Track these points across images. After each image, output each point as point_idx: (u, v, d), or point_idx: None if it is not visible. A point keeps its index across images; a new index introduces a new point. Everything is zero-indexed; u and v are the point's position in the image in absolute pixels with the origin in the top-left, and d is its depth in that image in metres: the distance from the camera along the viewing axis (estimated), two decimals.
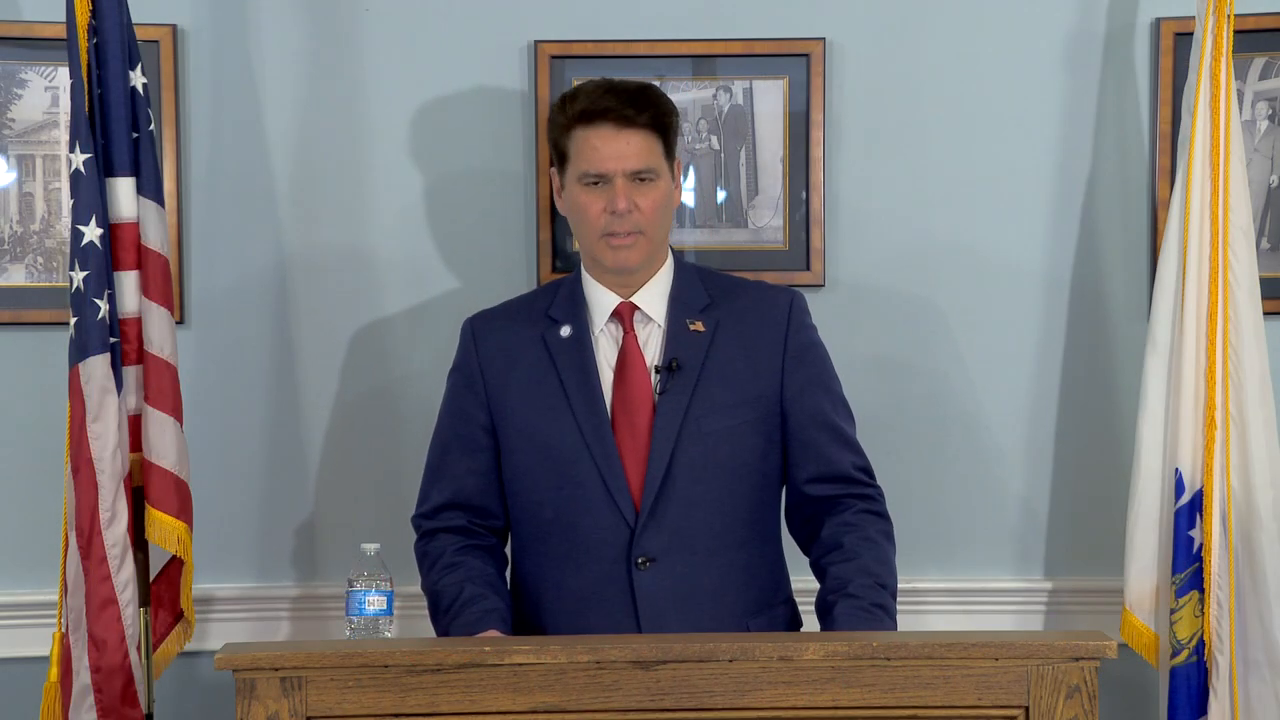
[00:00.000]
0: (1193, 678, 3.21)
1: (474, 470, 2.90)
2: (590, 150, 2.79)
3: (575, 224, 2.88)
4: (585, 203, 2.81)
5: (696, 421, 2.82)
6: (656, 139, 2.82)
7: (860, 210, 3.45)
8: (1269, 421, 3.22)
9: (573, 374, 2.84)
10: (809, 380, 2.89)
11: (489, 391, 2.89)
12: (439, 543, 2.91)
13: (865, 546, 2.81)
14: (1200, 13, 3.22)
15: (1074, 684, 2.35)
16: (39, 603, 3.33)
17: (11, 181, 3.41)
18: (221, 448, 3.43)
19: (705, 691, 2.35)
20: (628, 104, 2.79)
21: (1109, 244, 3.45)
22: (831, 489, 2.87)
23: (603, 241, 2.82)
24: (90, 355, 3.06)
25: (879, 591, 2.77)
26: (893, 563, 2.86)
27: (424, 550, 2.93)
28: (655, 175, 2.81)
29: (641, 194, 2.80)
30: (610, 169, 2.79)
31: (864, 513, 2.86)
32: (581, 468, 2.81)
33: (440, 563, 2.88)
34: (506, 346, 2.90)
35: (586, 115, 2.80)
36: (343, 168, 3.44)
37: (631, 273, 2.86)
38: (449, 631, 2.81)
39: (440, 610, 2.85)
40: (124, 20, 3.12)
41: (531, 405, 2.86)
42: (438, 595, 2.86)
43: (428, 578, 2.91)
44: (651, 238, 2.84)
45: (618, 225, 2.80)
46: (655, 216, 2.83)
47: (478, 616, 2.78)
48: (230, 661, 2.33)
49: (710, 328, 2.87)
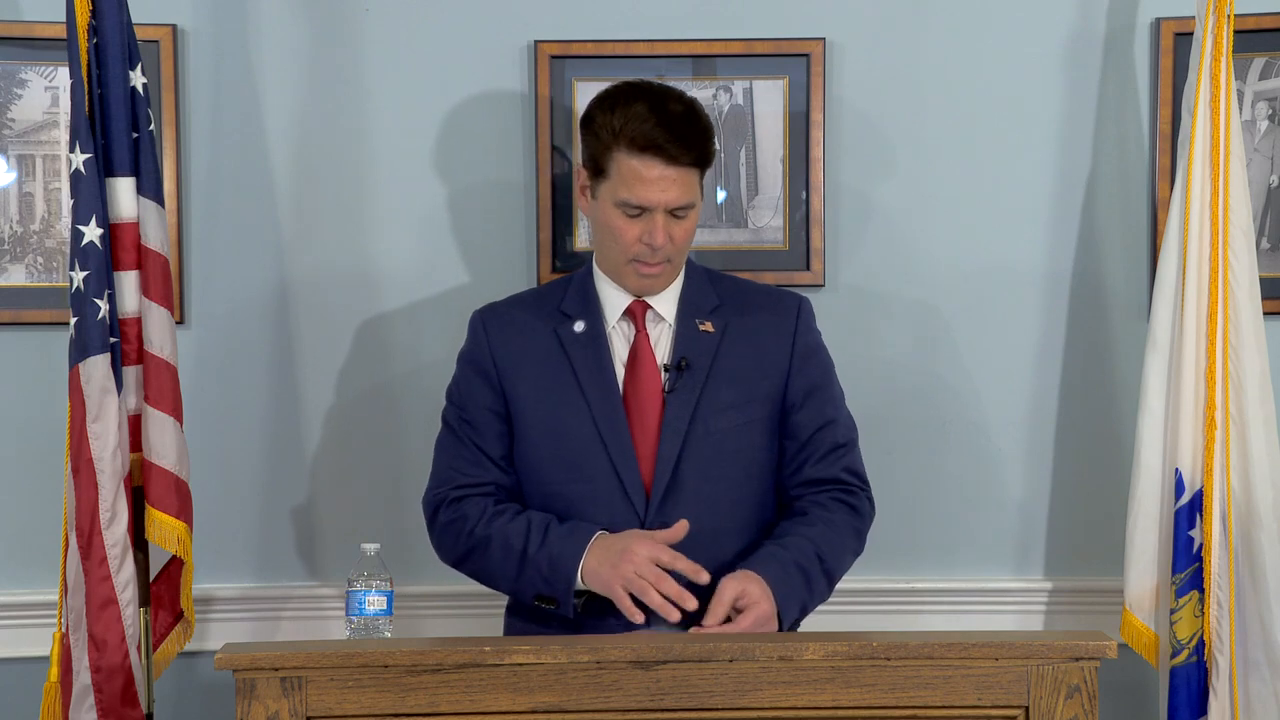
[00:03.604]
0: (1193, 678, 3.21)
1: (493, 455, 2.89)
2: (635, 181, 2.78)
3: (603, 239, 2.88)
4: (620, 227, 2.82)
5: (704, 420, 2.84)
6: (697, 172, 2.83)
7: (860, 210, 3.45)
8: (1269, 421, 3.22)
9: (587, 367, 2.86)
10: (813, 384, 2.91)
11: (502, 380, 2.89)
12: (474, 503, 2.86)
13: (825, 524, 2.83)
14: (1200, 13, 3.22)
15: (1074, 684, 2.35)
16: (39, 603, 3.33)
17: (11, 181, 3.41)
18: (221, 448, 3.43)
19: (705, 691, 2.35)
20: (678, 141, 2.78)
21: (1109, 244, 3.45)
22: (817, 487, 2.89)
23: (631, 266, 2.84)
24: (90, 355, 3.06)
25: (812, 559, 2.78)
26: (844, 551, 2.86)
27: (458, 515, 2.87)
28: (692, 207, 2.83)
29: (677, 226, 2.82)
30: (653, 203, 2.79)
31: (840, 503, 2.88)
32: (594, 460, 2.83)
33: (486, 513, 2.84)
34: (517, 338, 2.91)
35: (634, 143, 2.78)
36: (343, 167, 3.44)
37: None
38: (535, 556, 2.76)
39: (515, 544, 2.79)
40: (124, 20, 3.12)
41: (545, 396, 2.87)
42: (505, 535, 2.80)
43: (475, 531, 2.84)
44: (677, 265, 2.89)
45: (650, 256, 2.82)
46: (684, 245, 2.86)
47: (568, 530, 2.77)
48: (230, 661, 2.33)
49: (719, 328, 2.88)
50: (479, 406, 2.90)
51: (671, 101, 2.83)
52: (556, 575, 2.77)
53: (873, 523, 2.94)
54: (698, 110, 2.85)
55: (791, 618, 2.77)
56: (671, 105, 2.82)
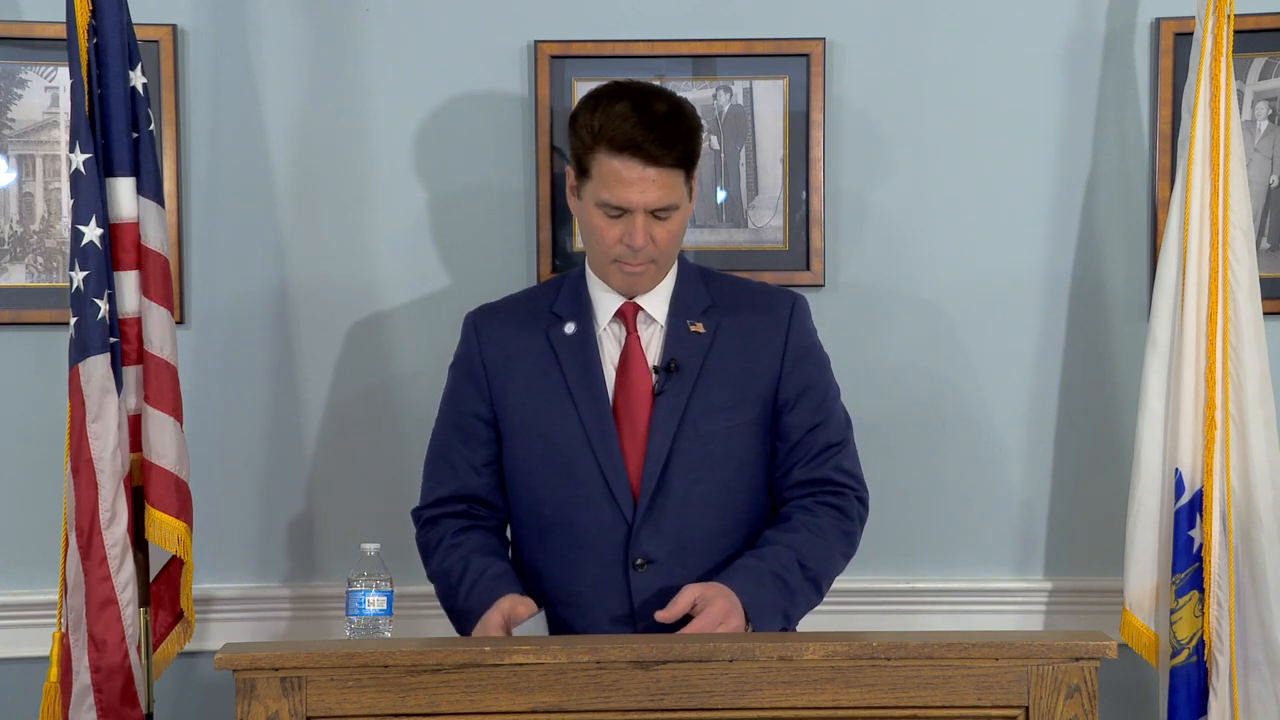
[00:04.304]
0: (1193, 678, 3.21)
1: (475, 463, 2.90)
2: (613, 181, 2.75)
3: (587, 240, 2.86)
4: (601, 226, 2.79)
5: (693, 422, 2.82)
6: (681, 173, 2.79)
7: (860, 210, 3.45)
8: (1269, 421, 3.22)
9: (576, 370, 2.85)
10: (806, 385, 2.88)
11: (491, 385, 2.89)
12: (440, 528, 2.90)
13: (809, 529, 2.81)
14: (1200, 13, 3.22)
15: (1074, 684, 2.35)
16: (39, 603, 3.33)
17: (11, 181, 3.41)
18: (221, 448, 3.43)
19: (705, 691, 2.35)
20: (658, 141, 2.74)
21: (1109, 244, 3.45)
22: (810, 490, 2.87)
23: (614, 266, 2.82)
24: (90, 355, 3.06)
25: (791, 567, 2.76)
26: (831, 555, 2.83)
27: (425, 539, 2.92)
28: (675, 208, 2.80)
29: (659, 227, 2.78)
30: (632, 204, 2.76)
31: (827, 506, 2.85)
32: (582, 463, 2.81)
33: (443, 545, 2.88)
34: (509, 341, 2.90)
35: (613, 143, 2.74)
36: (343, 167, 3.44)
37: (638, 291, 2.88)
38: (463, 606, 2.79)
39: (450, 589, 2.83)
40: (124, 20, 3.12)
41: (534, 399, 2.86)
42: (446, 575, 2.85)
43: (430, 562, 2.90)
44: (663, 265, 2.86)
45: (631, 257, 2.80)
46: (669, 246, 2.82)
47: (490, 583, 2.77)
48: (230, 661, 2.33)
49: (711, 329, 2.87)
50: (465, 412, 2.90)
51: (656, 101, 2.78)
52: (466, 633, 2.79)
53: (867, 521, 2.91)
54: (683, 110, 2.80)
55: (773, 627, 2.73)
56: (655, 105, 2.77)
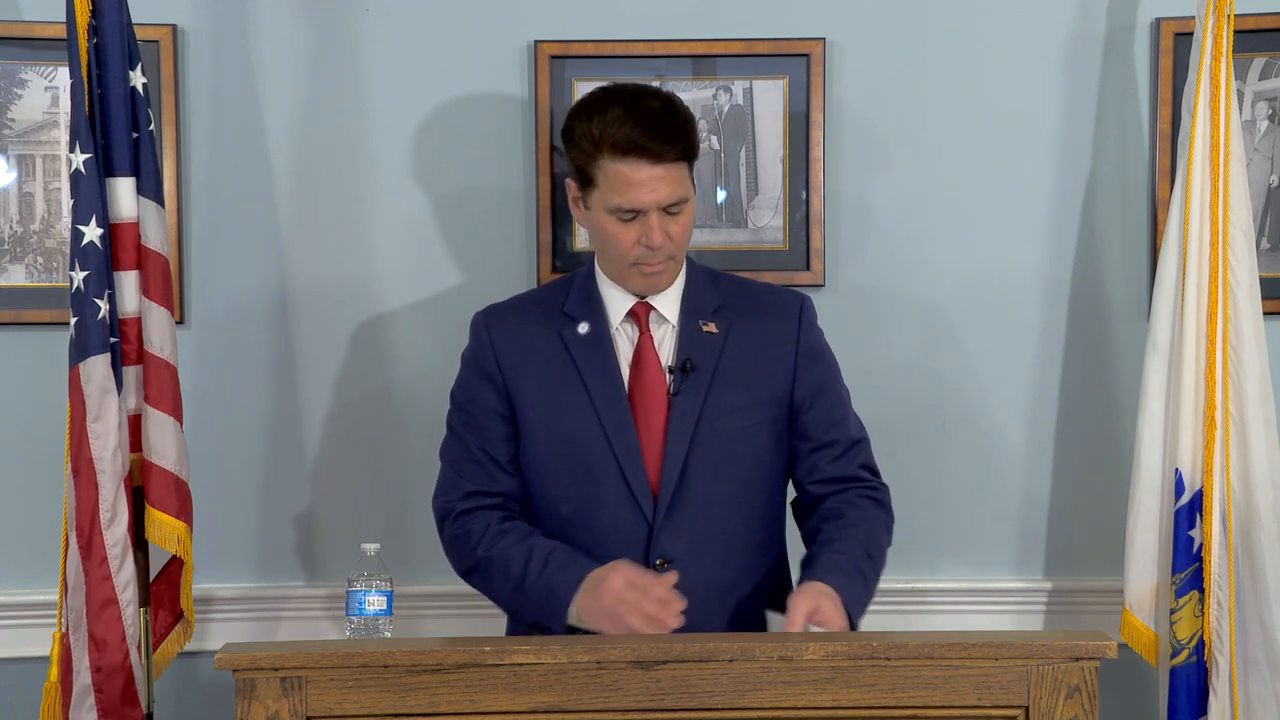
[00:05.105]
0: (1193, 678, 3.22)
1: (501, 461, 2.87)
2: (623, 185, 2.75)
3: (602, 247, 2.86)
4: (616, 232, 2.79)
5: (710, 422, 2.83)
6: (685, 166, 2.80)
7: (860, 210, 3.45)
8: (1269, 421, 3.22)
9: (593, 369, 2.84)
10: (820, 383, 2.90)
11: (508, 383, 2.87)
12: (479, 519, 2.85)
13: (864, 524, 2.83)
14: (1200, 13, 3.22)
15: (1074, 684, 2.35)
16: (39, 603, 3.33)
17: (11, 181, 3.41)
18: (221, 448, 3.43)
19: (705, 691, 2.35)
20: (660, 138, 2.74)
21: (1109, 244, 3.46)
22: (839, 485, 2.89)
23: (634, 269, 2.82)
24: (90, 355, 3.06)
25: (864, 560, 2.79)
26: (884, 549, 2.87)
27: (464, 530, 2.85)
28: (685, 201, 2.80)
29: (672, 223, 2.79)
30: (645, 204, 2.76)
31: (868, 499, 2.88)
32: (602, 462, 2.81)
33: (489, 532, 2.83)
34: (521, 340, 2.89)
35: (617, 148, 2.75)
36: (343, 167, 3.44)
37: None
38: (540, 583, 2.75)
39: (517, 570, 2.77)
40: (124, 20, 3.12)
41: (551, 399, 2.85)
42: (505, 559, 2.79)
43: (477, 550, 2.83)
44: (680, 260, 2.87)
45: (650, 257, 2.80)
46: (684, 240, 2.83)
47: (566, 557, 2.75)
48: (230, 661, 2.33)
49: (723, 329, 2.87)
50: (484, 410, 2.89)
51: (647, 100, 2.80)
52: (550, 610, 2.74)
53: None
54: (675, 104, 2.81)
55: (859, 621, 2.75)
56: (648, 103, 2.79)
